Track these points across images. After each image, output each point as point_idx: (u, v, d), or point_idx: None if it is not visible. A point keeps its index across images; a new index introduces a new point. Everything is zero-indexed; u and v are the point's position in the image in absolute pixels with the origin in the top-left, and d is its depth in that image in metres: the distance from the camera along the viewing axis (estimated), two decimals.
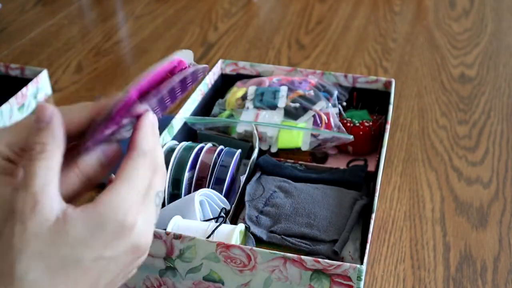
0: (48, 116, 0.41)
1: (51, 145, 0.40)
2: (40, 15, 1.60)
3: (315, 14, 1.63)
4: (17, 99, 1.10)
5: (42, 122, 0.41)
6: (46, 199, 0.39)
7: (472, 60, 1.39)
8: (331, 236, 0.77)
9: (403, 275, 0.82)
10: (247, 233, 0.78)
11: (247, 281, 0.72)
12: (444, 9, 1.66)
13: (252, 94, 1.03)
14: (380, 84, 1.07)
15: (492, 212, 0.93)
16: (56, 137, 0.41)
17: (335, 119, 0.99)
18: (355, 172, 0.91)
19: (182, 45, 1.44)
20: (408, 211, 0.93)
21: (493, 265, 0.84)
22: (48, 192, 0.39)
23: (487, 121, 1.16)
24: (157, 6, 1.66)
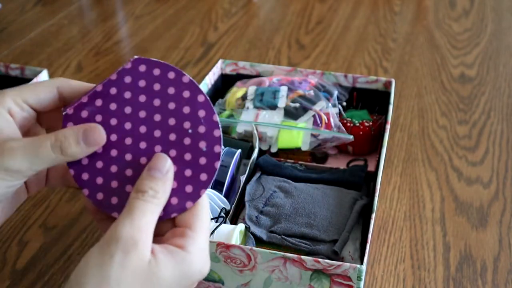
0: (165, 169, 0.44)
1: (161, 196, 0.44)
2: (40, 15, 1.60)
3: (315, 14, 1.63)
4: None
5: (158, 171, 0.44)
6: (147, 238, 0.41)
7: (472, 60, 1.39)
8: (331, 236, 0.77)
9: (403, 275, 0.82)
10: (247, 233, 0.78)
11: (247, 281, 0.72)
12: (444, 9, 1.66)
13: (252, 94, 1.03)
14: (380, 84, 1.07)
15: (492, 212, 0.93)
16: (167, 191, 0.44)
17: (335, 119, 0.99)
18: (355, 172, 0.91)
19: (182, 45, 1.44)
20: (408, 211, 0.93)
21: (493, 265, 0.84)
22: (149, 232, 0.41)
23: (487, 121, 1.16)
24: (157, 6, 1.66)
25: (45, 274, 0.81)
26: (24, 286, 0.80)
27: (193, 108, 0.47)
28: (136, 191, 0.43)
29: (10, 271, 0.82)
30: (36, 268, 0.82)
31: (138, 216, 0.41)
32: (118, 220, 0.41)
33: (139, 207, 0.42)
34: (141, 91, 0.47)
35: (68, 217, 0.91)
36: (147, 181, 0.43)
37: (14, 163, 0.43)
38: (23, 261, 0.83)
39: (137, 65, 0.48)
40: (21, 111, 0.46)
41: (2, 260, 0.83)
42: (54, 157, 0.44)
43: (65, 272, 0.82)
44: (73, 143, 0.44)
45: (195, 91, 0.47)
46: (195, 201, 0.46)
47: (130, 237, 0.40)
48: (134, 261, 0.39)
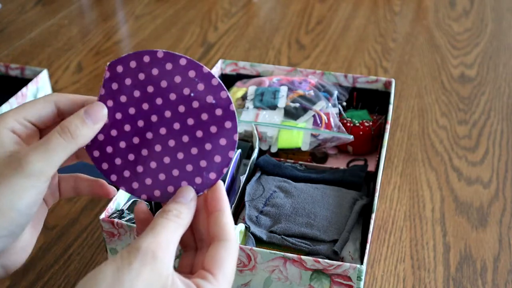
0: (189, 198, 0.47)
1: (185, 217, 0.46)
2: (40, 15, 1.60)
3: (315, 14, 1.63)
4: (17, 99, 1.10)
5: (183, 198, 0.47)
6: (168, 254, 0.42)
7: (472, 60, 1.39)
8: (331, 236, 0.77)
9: (403, 275, 0.82)
10: (247, 233, 0.78)
11: (247, 281, 0.72)
12: (444, 9, 1.66)
13: (252, 94, 1.03)
14: (380, 84, 1.07)
15: (492, 212, 0.93)
16: (190, 215, 0.46)
17: (335, 119, 0.99)
18: (355, 172, 0.91)
19: (182, 45, 1.44)
20: (408, 211, 0.93)
21: (493, 265, 0.84)
22: (170, 250, 0.43)
23: (487, 121, 1.16)
24: (157, 6, 1.66)
25: (45, 274, 0.81)
26: (24, 286, 0.80)
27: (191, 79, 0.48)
28: (161, 211, 0.45)
29: None
30: (36, 268, 0.82)
31: (160, 232, 0.43)
32: (141, 234, 0.43)
33: (162, 224, 0.44)
34: (143, 80, 0.48)
35: (68, 217, 0.91)
36: (172, 204, 0.46)
37: (33, 166, 0.44)
38: None
39: (123, 64, 0.49)
40: (25, 129, 0.47)
41: None
42: (66, 144, 0.45)
43: (65, 272, 0.82)
44: (80, 124, 0.46)
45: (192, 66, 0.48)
46: (219, 173, 0.47)
47: (150, 249, 0.41)
48: (151, 272, 0.41)
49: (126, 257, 0.41)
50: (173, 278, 0.42)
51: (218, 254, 0.45)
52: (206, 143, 0.47)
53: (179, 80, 0.47)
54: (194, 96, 0.47)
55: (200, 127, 0.47)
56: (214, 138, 0.47)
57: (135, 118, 0.48)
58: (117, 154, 0.48)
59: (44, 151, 0.44)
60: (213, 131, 0.47)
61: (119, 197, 0.77)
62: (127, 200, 0.80)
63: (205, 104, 0.47)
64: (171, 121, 0.47)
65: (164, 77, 0.47)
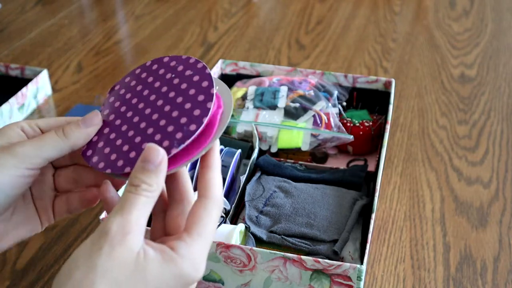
0: (158, 161, 0.44)
1: (155, 189, 0.44)
2: (40, 15, 1.60)
3: (315, 14, 1.63)
4: (17, 99, 1.10)
5: (150, 163, 0.44)
6: (137, 231, 0.42)
7: (472, 60, 1.39)
8: (331, 236, 0.77)
9: (403, 275, 0.82)
10: (247, 233, 0.78)
11: (247, 281, 0.72)
12: (444, 9, 1.66)
13: (252, 94, 1.03)
14: (380, 84, 1.07)
15: (492, 212, 0.93)
16: (160, 184, 0.44)
17: (335, 119, 0.99)
18: (355, 172, 0.91)
19: (182, 45, 1.44)
20: (408, 211, 0.93)
21: (493, 265, 0.84)
22: (140, 225, 0.42)
23: (487, 121, 1.16)
24: (157, 6, 1.66)
25: (45, 274, 0.81)
26: (24, 286, 0.80)
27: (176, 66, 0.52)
28: (130, 185, 0.44)
29: (10, 271, 0.82)
30: (36, 268, 0.82)
31: (129, 209, 0.42)
32: (110, 214, 0.42)
33: (131, 201, 0.42)
34: (133, 85, 0.53)
35: (68, 217, 0.91)
36: (140, 174, 0.44)
37: (23, 149, 0.47)
38: (23, 261, 0.83)
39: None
40: (33, 132, 0.51)
41: (2, 260, 0.83)
42: (58, 140, 0.49)
43: None
44: (74, 127, 0.50)
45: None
46: (199, 123, 0.47)
47: (119, 230, 0.41)
48: (122, 252, 0.40)
49: (97, 241, 0.41)
50: (145, 251, 0.41)
51: (196, 212, 0.44)
52: (185, 104, 0.49)
53: (163, 71, 0.52)
54: (175, 76, 0.51)
55: (180, 94, 0.49)
56: (193, 97, 0.49)
57: (125, 112, 0.51)
58: (107, 144, 0.50)
59: (37, 141, 0.48)
60: (191, 93, 0.49)
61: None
62: None
63: (184, 77, 0.50)
64: (155, 100, 0.50)
65: (150, 74, 0.52)
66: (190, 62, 0.51)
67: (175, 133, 0.47)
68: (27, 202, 0.52)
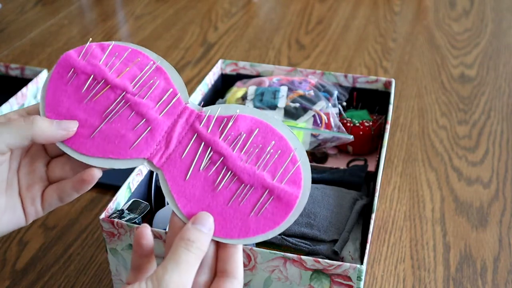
0: (209, 226, 0.47)
1: (205, 249, 0.46)
2: (40, 15, 1.60)
3: (315, 14, 1.63)
4: (17, 99, 1.10)
5: (204, 227, 0.47)
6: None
7: (472, 60, 1.39)
8: (331, 236, 0.77)
9: (403, 275, 0.82)
10: None
11: (247, 281, 0.72)
12: (444, 9, 1.66)
13: (252, 94, 1.03)
14: (380, 84, 1.07)
15: (492, 212, 0.93)
16: (207, 245, 0.47)
17: (335, 119, 0.99)
18: (355, 172, 0.91)
19: (182, 45, 1.44)
20: (408, 211, 0.93)
21: (493, 265, 0.84)
22: (191, 284, 0.45)
23: (487, 121, 1.16)
24: (157, 6, 1.66)
25: (45, 274, 0.81)
26: (24, 286, 0.80)
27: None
28: (182, 239, 0.45)
29: (10, 271, 0.82)
30: (36, 268, 0.82)
31: (185, 269, 0.44)
32: (166, 268, 0.44)
33: (186, 259, 0.44)
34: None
35: (68, 217, 0.91)
36: (194, 232, 0.46)
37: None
38: (23, 261, 0.83)
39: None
40: (19, 117, 0.50)
41: (2, 260, 0.83)
42: (23, 128, 0.48)
43: (65, 272, 0.82)
44: (46, 122, 0.49)
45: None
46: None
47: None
48: None
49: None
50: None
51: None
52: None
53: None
54: None
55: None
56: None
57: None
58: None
59: (4, 126, 0.48)
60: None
61: (119, 197, 0.77)
62: (127, 200, 0.80)
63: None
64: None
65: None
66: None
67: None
68: (11, 193, 0.51)
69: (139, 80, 0.52)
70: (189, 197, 0.49)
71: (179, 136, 0.51)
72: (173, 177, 0.50)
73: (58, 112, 0.51)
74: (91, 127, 0.50)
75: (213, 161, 0.50)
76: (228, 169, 0.49)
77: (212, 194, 0.49)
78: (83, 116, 0.51)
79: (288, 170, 0.49)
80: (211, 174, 0.49)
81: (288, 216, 0.49)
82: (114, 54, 0.52)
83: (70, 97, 0.51)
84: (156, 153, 0.50)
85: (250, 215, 0.49)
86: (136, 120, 0.51)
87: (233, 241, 0.48)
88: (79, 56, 0.53)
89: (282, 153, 0.50)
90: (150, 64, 0.53)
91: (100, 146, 0.50)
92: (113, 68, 0.52)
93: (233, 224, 0.48)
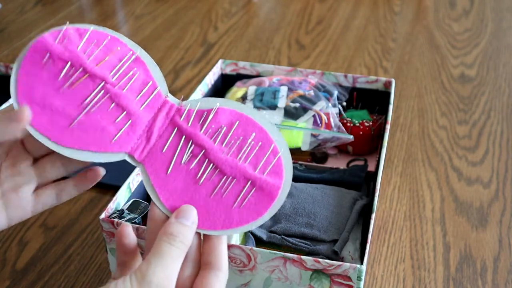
0: (193, 220, 0.47)
1: (189, 243, 0.46)
2: (40, 15, 1.60)
3: (315, 14, 1.63)
4: None
5: (187, 220, 0.47)
6: (173, 284, 0.44)
7: (472, 60, 1.39)
8: (331, 236, 0.77)
9: (403, 275, 0.82)
10: (247, 233, 0.78)
11: (247, 281, 0.72)
12: (444, 9, 1.66)
13: (252, 94, 1.03)
14: (380, 84, 1.07)
15: (492, 212, 0.93)
16: (191, 239, 0.47)
17: (335, 119, 0.99)
18: (355, 172, 0.91)
19: (182, 45, 1.44)
20: (408, 211, 0.93)
21: (493, 265, 0.84)
22: (174, 280, 0.45)
23: (487, 121, 1.16)
24: (157, 6, 1.66)
25: (45, 274, 0.81)
26: (24, 286, 0.80)
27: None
28: (166, 234, 0.45)
29: (10, 271, 0.82)
30: (36, 268, 0.82)
31: (169, 263, 0.44)
32: (150, 262, 0.44)
33: (170, 253, 0.44)
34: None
35: (68, 217, 0.91)
36: (177, 226, 0.46)
37: None
38: (23, 261, 0.83)
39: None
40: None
41: (2, 260, 0.83)
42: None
43: (65, 272, 0.82)
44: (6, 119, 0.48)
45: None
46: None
47: (161, 284, 0.43)
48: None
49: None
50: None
51: (210, 283, 0.46)
52: None
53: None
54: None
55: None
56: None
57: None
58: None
59: None
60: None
61: (119, 197, 0.77)
62: (127, 200, 0.80)
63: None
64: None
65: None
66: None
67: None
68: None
69: (118, 71, 0.50)
70: (172, 191, 0.49)
71: (159, 130, 0.50)
72: (155, 171, 0.49)
73: (32, 98, 0.49)
74: (69, 118, 0.49)
75: (194, 154, 0.50)
76: (210, 162, 0.49)
77: (195, 187, 0.49)
78: (60, 104, 0.49)
79: (269, 161, 0.50)
80: (193, 167, 0.49)
81: (271, 207, 0.49)
82: (93, 41, 0.51)
83: (46, 83, 0.49)
84: (137, 147, 0.50)
85: (233, 207, 0.49)
86: (117, 112, 0.50)
87: (216, 232, 0.48)
88: (56, 40, 0.51)
89: (263, 144, 0.50)
90: (129, 54, 0.51)
91: (80, 138, 0.49)
92: (92, 56, 0.50)
93: (216, 216, 0.49)
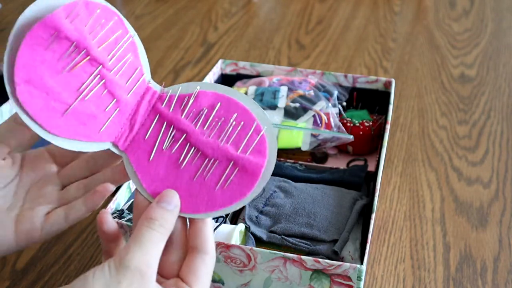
0: (175, 203, 0.47)
1: (169, 227, 0.46)
2: None
3: (315, 14, 1.63)
4: None
5: (168, 204, 0.46)
6: (154, 268, 0.44)
7: (472, 60, 1.39)
8: (331, 236, 0.77)
9: (403, 275, 0.82)
10: (247, 233, 0.78)
11: (247, 281, 0.72)
12: (444, 9, 1.66)
13: (252, 94, 1.03)
14: (380, 84, 1.07)
15: (492, 212, 0.93)
16: (173, 224, 0.46)
17: (335, 119, 0.99)
18: (355, 172, 0.91)
19: (182, 45, 1.44)
20: (408, 211, 0.93)
21: (493, 265, 0.84)
22: (155, 265, 0.44)
23: (487, 121, 1.16)
24: (157, 6, 1.66)
25: (45, 274, 0.81)
26: (24, 286, 0.80)
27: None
28: (146, 218, 0.45)
29: (10, 271, 0.82)
30: (36, 268, 0.82)
31: (148, 247, 0.43)
32: (129, 247, 0.43)
33: (149, 238, 0.44)
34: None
35: None
36: (158, 210, 0.46)
37: None
38: (23, 261, 0.83)
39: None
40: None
41: (2, 260, 0.83)
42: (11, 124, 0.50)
43: (65, 272, 0.82)
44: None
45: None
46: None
47: (138, 268, 0.42)
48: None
49: (115, 274, 0.42)
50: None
51: (197, 267, 0.46)
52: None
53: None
54: None
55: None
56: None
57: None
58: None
59: None
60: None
61: (119, 197, 0.77)
62: (127, 200, 0.80)
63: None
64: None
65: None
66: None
67: None
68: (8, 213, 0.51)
69: (114, 55, 0.50)
70: (154, 177, 0.49)
71: (142, 118, 0.50)
72: (137, 159, 0.49)
73: (30, 80, 0.45)
74: (64, 103, 0.47)
75: (176, 139, 0.49)
76: (191, 145, 0.49)
77: (177, 171, 0.49)
78: (56, 88, 0.47)
79: (252, 140, 0.49)
80: (174, 152, 0.49)
81: (254, 186, 0.49)
82: (100, 21, 0.49)
83: (46, 64, 0.46)
84: (121, 136, 0.50)
85: (216, 189, 0.48)
86: (108, 100, 0.49)
87: (200, 215, 0.48)
88: (67, 17, 0.46)
89: (246, 124, 0.50)
90: (126, 37, 0.51)
91: (71, 127, 0.48)
92: (96, 38, 0.48)
93: (199, 199, 0.48)
